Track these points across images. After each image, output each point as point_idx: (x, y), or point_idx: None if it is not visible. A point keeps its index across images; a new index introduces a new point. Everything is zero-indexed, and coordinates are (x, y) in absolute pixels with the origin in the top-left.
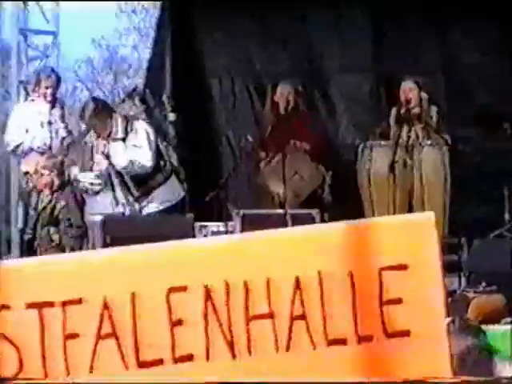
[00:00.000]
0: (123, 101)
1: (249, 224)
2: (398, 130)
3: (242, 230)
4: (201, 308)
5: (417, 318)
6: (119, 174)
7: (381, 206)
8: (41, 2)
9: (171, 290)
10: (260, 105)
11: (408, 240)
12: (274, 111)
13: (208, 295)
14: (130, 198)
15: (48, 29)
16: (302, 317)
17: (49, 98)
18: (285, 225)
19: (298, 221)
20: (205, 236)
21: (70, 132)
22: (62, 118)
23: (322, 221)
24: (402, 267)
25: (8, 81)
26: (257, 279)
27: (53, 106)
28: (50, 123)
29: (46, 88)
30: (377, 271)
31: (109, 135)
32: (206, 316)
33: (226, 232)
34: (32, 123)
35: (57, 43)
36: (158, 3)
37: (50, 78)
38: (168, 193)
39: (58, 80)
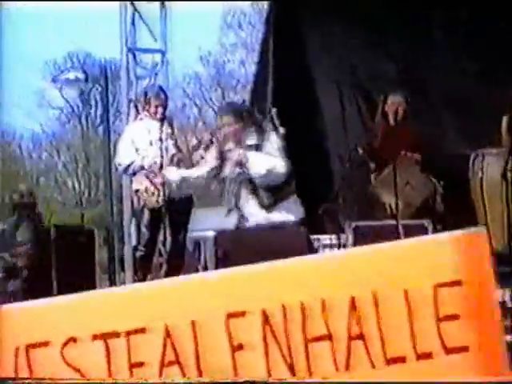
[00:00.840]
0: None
1: (361, 236)
2: (511, 137)
3: (355, 241)
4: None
5: (474, 333)
6: (250, 182)
7: (494, 215)
8: (149, 20)
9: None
10: (368, 116)
11: (461, 256)
12: (384, 122)
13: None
14: (258, 209)
15: (156, 47)
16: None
17: (158, 116)
18: (397, 236)
19: (410, 231)
20: (316, 250)
21: (179, 149)
22: (172, 135)
23: (435, 231)
24: (457, 283)
25: (118, 100)
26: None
27: (162, 124)
28: (159, 141)
29: (156, 107)
30: (432, 288)
31: (239, 143)
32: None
33: (339, 245)
34: (142, 142)
35: (165, 61)
36: (264, 17)
37: (159, 96)
38: (291, 208)
39: (167, 98)
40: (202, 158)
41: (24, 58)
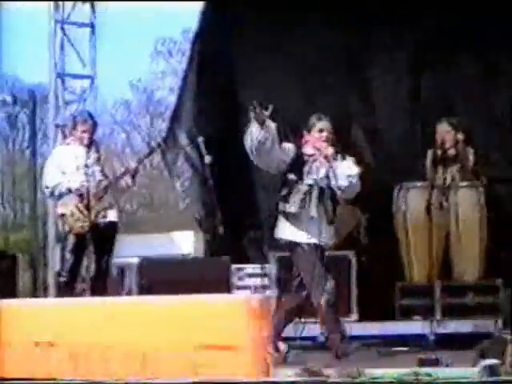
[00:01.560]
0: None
1: (285, 266)
2: (434, 171)
3: (279, 271)
4: None
5: None
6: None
7: (418, 249)
8: (78, 46)
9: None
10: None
11: (240, 320)
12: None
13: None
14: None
15: (85, 73)
16: None
17: (85, 142)
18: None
19: (334, 263)
20: (240, 278)
21: (105, 175)
22: (98, 161)
23: (359, 263)
24: (227, 347)
25: (46, 124)
26: None
27: (89, 150)
28: (86, 166)
29: (83, 132)
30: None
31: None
32: None
33: (264, 274)
34: (68, 166)
35: (94, 87)
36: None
37: (87, 121)
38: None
39: (95, 123)
40: (128, 186)
41: None
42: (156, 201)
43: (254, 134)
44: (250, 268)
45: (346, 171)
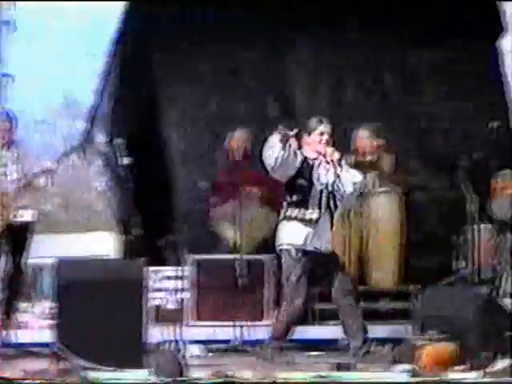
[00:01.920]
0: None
1: (203, 269)
2: None
3: (198, 275)
4: None
5: None
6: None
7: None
8: None
9: None
10: (215, 150)
11: None
12: (229, 157)
13: None
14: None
15: (4, 71)
16: None
17: (3, 141)
18: (239, 270)
19: (251, 266)
20: (157, 280)
21: (23, 175)
22: (16, 160)
23: (278, 266)
24: None
25: None
26: None
27: (7, 149)
28: (3, 166)
29: (1, 131)
30: None
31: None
32: None
33: (181, 277)
34: None
35: (13, 85)
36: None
37: (5, 121)
38: None
39: (14, 123)
40: (46, 186)
41: None
42: (74, 201)
43: (277, 153)
44: (167, 270)
45: (352, 177)
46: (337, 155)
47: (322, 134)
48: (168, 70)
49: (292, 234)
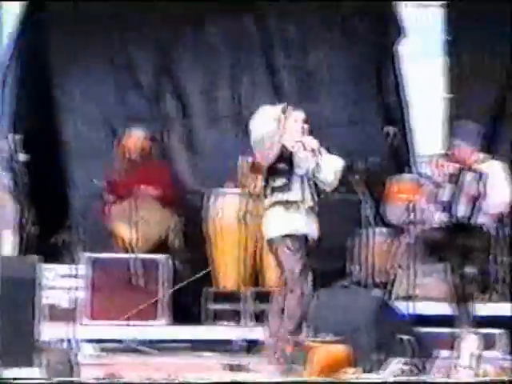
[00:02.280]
0: None
1: (98, 268)
2: (249, 178)
3: (93, 273)
4: None
5: None
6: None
7: (229, 255)
8: None
9: None
10: (113, 148)
11: None
12: (125, 155)
13: None
14: None
15: None
16: None
17: None
18: (134, 270)
19: (146, 266)
20: (51, 279)
21: None
22: None
23: (174, 266)
24: None
25: None
26: None
27: None
28: None
29: None
30: None
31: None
32: None
33: (76, 276)
34: None
35: None
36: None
37: None
38: None
39: None
40: None
41: None
42: None
43: (271, 125)
44: (61, 268)
45: (333, 165)
46: (315, 143)
47: (296, 121)
48: (64, 66)
49: (282, 221)
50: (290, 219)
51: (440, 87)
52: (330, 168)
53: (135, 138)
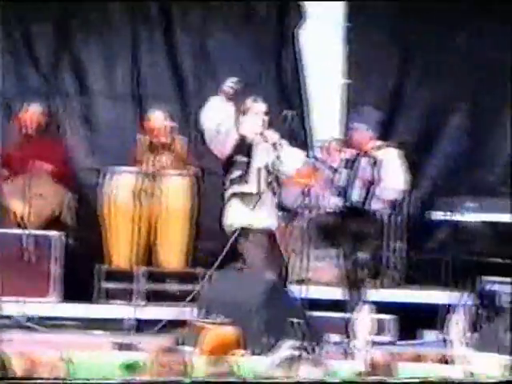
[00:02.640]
0: None
1: None
2: (145, 157)
3: None
4: None
5: None
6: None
7: (123, 233)
8: None
9: None
10: (8, 123)
11: None
12: (21, 130)
13: None
14: None
15: None
16: None
17: None
18: (26, 245)
19: (39, 242)
20: None
21: None
22: None
23: (67, 243)
24: None
25: None
26: None
27: None
28: None
29: None
30: None
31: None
32: None
33: None
34: None
35: None
36: None
37: None
38: None
39: None
40: None
41: None
42: None
43: (218, 116)
44: None
45: (294, 159)
46: (276, 136)
47: (257, 113)
48: None
49: (239, 213)
50: (247, 212)
51: (339, 73)
52: (291, 161)
53: (32, 112)
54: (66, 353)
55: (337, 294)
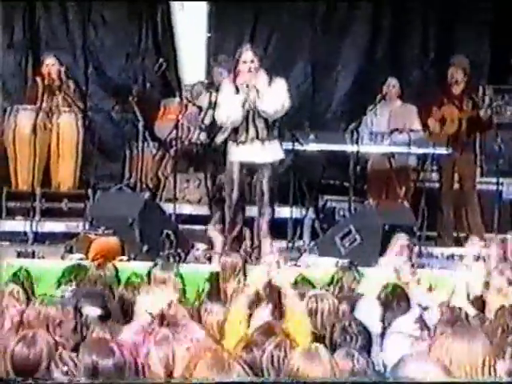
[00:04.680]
0: None
1: None
2: (42, 97)
3: None
4: None
5: None
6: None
7: (23, 160)
8: None
9: None
10: None
11: None
12: None
13: None
14: None
15: None
16: None
17: None
18: None
19: None
20: None
21: None
22: None
23: None
24: None
25: None
26: None
27: None
28: None
29: None
30: None
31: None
32: None
33: None
34: None
35: None
36: None
37: None
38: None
39: None
40: None
41: None
42: None
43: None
44: None
45: (274, 98)
46: (264, 79)
47: (245, 62)
48: None
49: (234, 153)
50: (241, 150)
51: (203, 28)
52: (271, 101)
53: None
54: None
55: (201, 210)
